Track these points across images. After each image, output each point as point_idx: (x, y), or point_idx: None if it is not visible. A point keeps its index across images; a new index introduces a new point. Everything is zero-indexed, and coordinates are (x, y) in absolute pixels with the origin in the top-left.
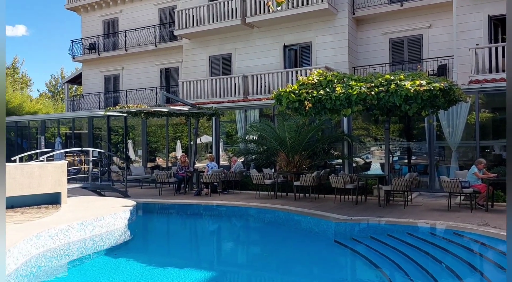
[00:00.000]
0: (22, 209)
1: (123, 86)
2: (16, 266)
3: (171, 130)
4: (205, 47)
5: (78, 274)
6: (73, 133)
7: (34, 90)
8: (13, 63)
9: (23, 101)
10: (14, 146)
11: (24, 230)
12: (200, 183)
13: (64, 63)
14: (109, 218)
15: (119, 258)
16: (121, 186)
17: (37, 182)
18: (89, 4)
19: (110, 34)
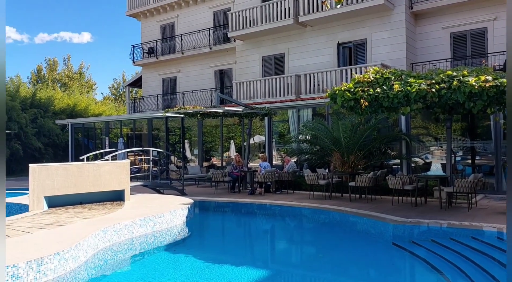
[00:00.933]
0: (89, 205)
1: (179, 88)
2: (85, 259)
3: (225, 130)
4: (258, 48)
5: (141, 268)
6: (134, 134)
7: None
8: (80, 68)
9: (88, 104)
10: (81, 146)
11: (92, 225)
12: (253, 182)
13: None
14: (169, 215)
15: (178, 254)
16: (179, 184)
17: (103, 180)
18: (148, 10)
19: (168, 38)
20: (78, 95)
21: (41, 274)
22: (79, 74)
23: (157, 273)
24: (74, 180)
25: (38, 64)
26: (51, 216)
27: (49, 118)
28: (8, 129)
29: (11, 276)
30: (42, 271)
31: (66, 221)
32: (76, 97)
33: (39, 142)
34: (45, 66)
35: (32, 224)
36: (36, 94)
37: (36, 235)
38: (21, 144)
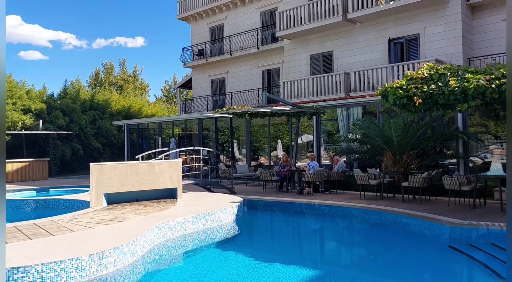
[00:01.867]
0: (145, 202)
1: (228, 89)
2: (142, 254)
3: (273, 130)
4: (305, 46)
5: (193, 264)
6: (185, 133)
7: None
8: (134, 71)
9: (142, 106)
10: (136, 145)
11: (147, 221)
12: (302, 182)
13: (176, 70)
14: (219, 213)
15: (228, 252)
16: (228, 183)
17: (157, 178)
18: (197, 13)
19: (216, 40)
20: (133, 97)
21: (102, 267)
22: (134, 77)
23: (208, 269)
24: (131, 178)
25: (96, 68)
26: (110, 212)
27: (107, 120)
28: (70, 130)
29: (75, 268)
30: (103, 264)
31: (124, 217)
32: (131, 99)
33: (98, 142)
34: (102, 70)
35: (93, 219)
36: (95, 97)
37: (97, 230)
38: (81, 143)
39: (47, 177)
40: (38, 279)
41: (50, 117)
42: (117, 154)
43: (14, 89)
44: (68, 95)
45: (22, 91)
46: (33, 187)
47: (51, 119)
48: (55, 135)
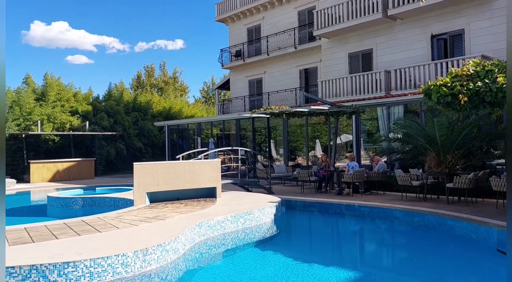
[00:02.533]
0: (185, 201)
1: (265, 89)
2: (183, 251)
3: (310, 129)
4: (344, 45)
5: (232, 263)
6: (223, 134)
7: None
8: (174, 73)
9: (182, 107)
10: (176, 145)
11: (188, 220)
12: (341, 183)
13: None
14: (258, 213)
15: (267, 251)
16: (266, 182)
17: (197, 177)
18: (235, 15)
19: (254, 40)
20: (173, 99)
21: (146, 263)
22: (173, 79)
23: (247, 268)
24: (172, 178)
25: (138, 71)
26: (152, 210)
27: (148, 121)
28: (114, 131)
29: (121, 264)
30: (147, 260)
31: (165, 215)
32: (171, 100)
33: (140, 142)
34: (144, 72)
35: (137, 217)
36: (137, 99)
37: (141, 227)
38: (125, 144)
39: (93, 176)
40: (86, 274)
41: (96, 119)
42: (158, 154)
43: (62, 92)
44: (112, 97)
45: (70, 94)
46: (80, 185)
47: (96, 120)
48: (100, 136)
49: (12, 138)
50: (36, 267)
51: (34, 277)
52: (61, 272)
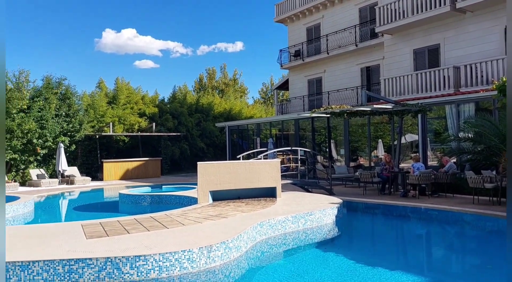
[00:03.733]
0: (246, 200)
1: (325, 88)
2: (245, 249)
3: (373, 129)
4: (408, 40)
5: (293, 263)
6: (282, 134)
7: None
8: (234, 75)
9: (242, 108)
10: (236, 145)
11: (250, 219)
12: (406, 184)
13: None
14: (319, 214)
15: (327, 253)
16: (326, 183)
17: (257, 177)
18: (294, 15)
19: (313, 39)
20: (233, 100)
21: (210, 260)
22: (233, 81)
23: (308, 269)
24: (233, 177)
25: (200, 73)
26: (215, 208)
27: (210, 122)
28: (178, 132)
29: (187, 260)
30: (211, 257)
31: (228, 213)
32: (231, 102)
33: (202, 143)
34: (206, 75)
35: (201, 215)
36: (199, 101)
37: (205, 224)
38: (188, 144)
39: (159, 175)
40: (156, 268)
41: (162, 120)
42: (219, 154)
43: (131, 95)
44: (176, 99)
45: (138, 97)
46: (148, 183)
47: (162, 122)
48: (166, 137)
49: (87, 139)
50: (111, 259)
51: (109, 269)
52: (133, 265)
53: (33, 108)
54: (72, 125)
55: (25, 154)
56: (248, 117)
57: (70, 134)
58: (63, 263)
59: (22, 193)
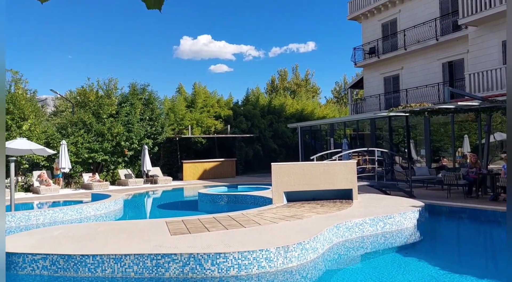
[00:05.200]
0: (321, 202)
1: (402, 86)
2: (322, 251)
3: (457, 128)
4: (496, 31)
5: (372, 267)
6: (357, 134)
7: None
8: (306, 75)
9: (314, 108)
10: (308, 147)
11: (325, 220)
12: (496, 187)
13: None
14: (398, 217)
15: (409, 258)
16: (406, 185)
17: (332, 178)
18: (368, 11)
19: (389, 35)
20: (305, 101)
21: (287, 260)
22: (305, 81)
23: (387, 273)
24: (307, 178)
25: (272, 75)
26: (290, 209)
27: (282, 123)
28: (252, 133)
29: (265, 259)
30: (288, 257)
31: (303, 215)
32: (303, 102)
33: (275, 144)
34: (277, 76)
35: (276, 215)
36: (272, 102)
37: (280, 225)
38: (261, 145)
39: (234, 175)
40: (235, 265)
41: (236, 122)
42: (291, 155)
43: (208, 99)
44: (249, 102)
45: (214, 100)
46: (224, 183)
47: (236, 124)
48: (240, 138)
49: (168, 141)
50: (193, 255)
51: (192, 265)
52: (214, 262)
53: (121, 113)
54: (155, 128)
55: (114, 155)
56: (320, 118)
57: (153, 137)
58: (151, 257)
59: (112, 191)
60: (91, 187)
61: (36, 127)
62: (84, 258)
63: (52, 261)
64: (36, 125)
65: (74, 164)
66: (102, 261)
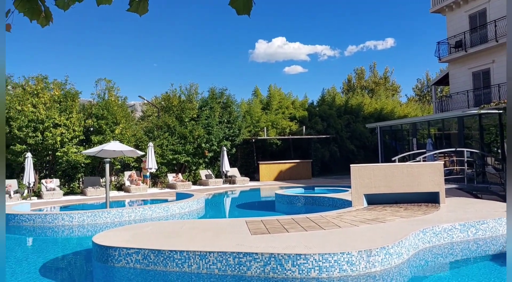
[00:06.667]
0: (404, 205)
1: (494, 81)
2: (407, 257)
3: None
4: None
5: (462, 275)
6: (443, 134)
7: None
8: (384, 73)
9: (394, 107)
10: (389, 147)
11: (410, 225)
12: None
13: (429, 66)
14: (493, 223)
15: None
16: (500, 189)
17: (416, 181)
18: (454, 2)
19: (478, 27)
20: (384, 99)
21: (370, 264)
22: (384, 79)
23: None
24: (389, 180)
25: (348, 74)
26: (371, 212)
27: (360, 123)
28: (327, 134)
29: (346, 262)
30: (371, 262)
31: (385, 218)
32: (382, 101)
33: (352, 145)
34: (354, 75)
35: (356, 218)
36: (348, 102)
37: (361, 228)
38: (338, 146)
39: (310, 177)
40: (316, 267)
41: (311, 123)
42: (370, 156)
43: (283, 100)
44: (325, 102)
45: (289, 102)
46: (300, 185)
47: (311, 125)
48: (315, 139)
49: (245, 143)
50: (274, 255)
51: (273, 264)
52: (294, 263)
53: (201, 116)
54: (232, 130)
55: (196, 156)
56: (401, 117)
57: (231, 139)
58: (233, 255)
59: (194, 190)
60: (175, 186)
61: (126, 131)
62: (172, 254)
63: (144, 255)
64: (126, 129)
65: (159, 164)
66: (189, 257)
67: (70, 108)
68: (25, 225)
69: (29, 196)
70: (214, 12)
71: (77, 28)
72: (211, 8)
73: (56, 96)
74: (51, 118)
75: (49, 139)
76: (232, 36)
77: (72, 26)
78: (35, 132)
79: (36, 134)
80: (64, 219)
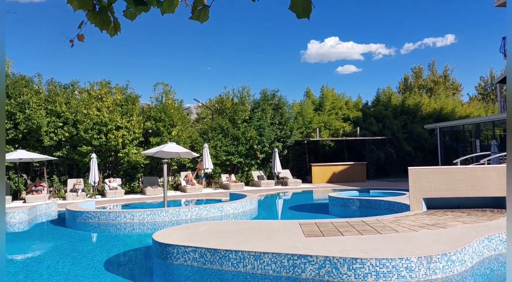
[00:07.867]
0: (467, 210)
1: None
2: (471, 265)
3: None
4: None
5: None
6: None
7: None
8: (444, 71)
9: (455, 107)
10: (449, 149)
11: (474, 231)
12: None
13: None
14: None
15: None
16: None
17: (481, 185)
18: None
19: None
20: (444, 99)
21: (430, 271)
22: (444, 78)
23: None
24: (450, 184)
25: (405, 73)
26: (430, 217)
27: (417, 124)
28: (383, 136)
29: (405, 268)
30: (431, 268)
31: (446, 223)
32: (442, 100)
33: (409, 146)
34: (411, 74)
35: (415, 222)
36: (405, 102)
37: (421, 233)
38: (394, 148)
39: (365, 179)
40: (373, 272)
41: (365, 124)
42: (429, 158)
43: (336, 101)
44: (380, 102)
45: (342, 102)
46: (354, 187)
47: (366, 126)
48: (370, 141)
49: (297, 145)
50: (329, 259)
51: (328, 268)
52: (350, 267)
53: (253, 118)
54: (284, 132)
55: (248, 157)
56: (463, 117)
57: (282, 140)
58: (287, 257)
59: (246, 191)
60: (228, 187)
61: (182, 133)
62: (227, 253)
63: (200, 254)
64: (182, 131)
65: (214, 165)
66: (243, 257)
67: (130, 112)
68: (91, 221)
69: (94, 194)
70: (266, 14)
71: (137, 37)
72: (263, 11)
73: (118, 100)
74: (113, 121)
75: (112, 141)
76: (283, 38)
77: (132, 35)
78: (99, 134)
79: (100, 136)
80: (126, 217)
